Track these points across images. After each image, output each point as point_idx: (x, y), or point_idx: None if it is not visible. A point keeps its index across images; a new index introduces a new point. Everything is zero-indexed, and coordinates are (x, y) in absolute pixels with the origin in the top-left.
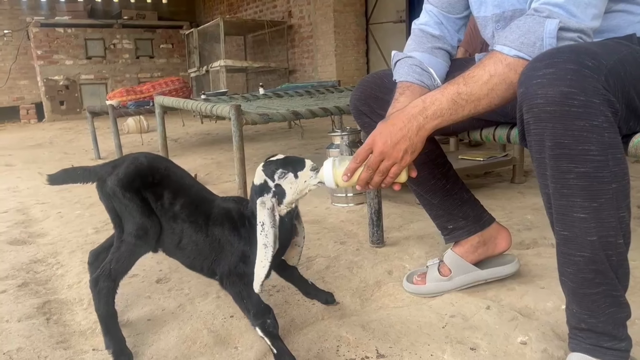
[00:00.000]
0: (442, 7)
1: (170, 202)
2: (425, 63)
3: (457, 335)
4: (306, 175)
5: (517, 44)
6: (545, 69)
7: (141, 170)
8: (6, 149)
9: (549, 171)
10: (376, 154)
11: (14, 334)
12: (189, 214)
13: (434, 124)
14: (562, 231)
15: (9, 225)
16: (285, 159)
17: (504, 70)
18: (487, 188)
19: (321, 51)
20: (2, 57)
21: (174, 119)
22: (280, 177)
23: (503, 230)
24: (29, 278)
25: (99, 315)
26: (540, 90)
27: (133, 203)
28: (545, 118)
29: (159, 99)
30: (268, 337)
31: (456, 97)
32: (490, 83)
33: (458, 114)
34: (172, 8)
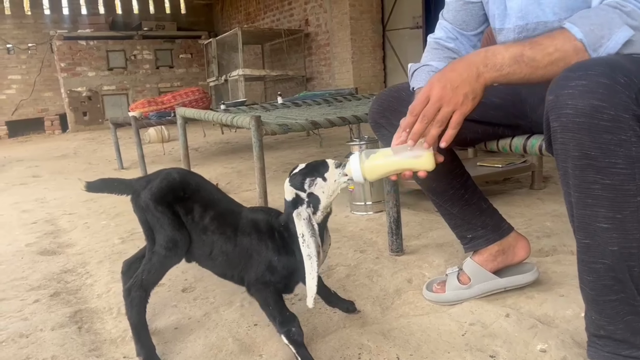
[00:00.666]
0: (457, 24)
1: (200, 215)
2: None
3: (477, 343)
4: (334, 175)
5: (587, 29)
6: (578, 80)
7: (173, 185)
8: (33, 160)
9: (573, 180)
10: (434, 100)
11: (48, 342)
12: (218, 226)
13: (493, 75)
14: (584, 239)
15: (38, 235)
16: (308, 166)
17: (568, 49)
18: (506, 195)
19: (338, 58)
20: (27, 70)
21: (194, 128)
22: (310, 185)
23: (522, 239)
24: (60, 288)
25: (130, 323)
26: (570, 101)
27: (164, 216)
28: (573, 129)
29: (180, 111)
30: (293, 345)
31: (518, 57)
32: (552, 56)
33: (515, 74)
34: (190, 18)
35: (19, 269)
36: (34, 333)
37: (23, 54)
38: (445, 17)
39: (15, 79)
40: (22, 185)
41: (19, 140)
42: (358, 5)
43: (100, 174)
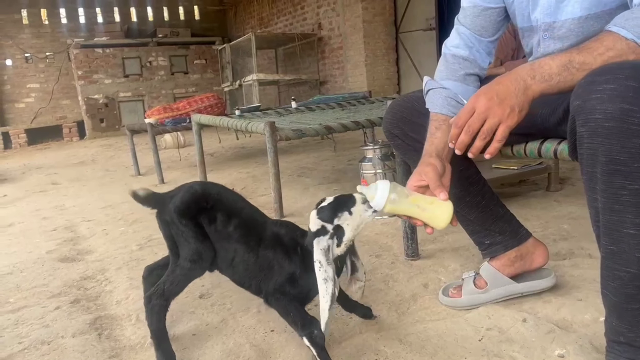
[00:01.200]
0: (475, 30)
1: (224, 223)
2: (459, 94)
3: (494, 348)
4: (360, 209)
5: (637, 30)
6: (606, 84)
7: (195, 197)
8: (52, 167)
9: (600, 186)
10: (479, 112)
11: (70, 349)
12: (241, 235)
13: (541, 87)
14: (610, 245)
15: (58, 242)
16: (336, 200)
17: (622, 47)
18: (522, 197)
19: (351, 62)
20: (45, 79)
21: (210, 133)
22: (338, 219)
23: (540, 245)
24: (80, 295)
25: (151, 330)
26: (599, 106)
27: (188, 229)
28: (602, 134)
29: (196, 117)
30: (315, 348)
31: (567, 64)
32: (605, 55)
33: (566, 82)
34: (204, 24)
35: (40, 276)
36: (55, 340)
37: (41, 62)
38: (462, 22)
39: (34, 88)
40: (41, 193)
41: (38, 148)
42: (371, 8)
43: (118, 180)
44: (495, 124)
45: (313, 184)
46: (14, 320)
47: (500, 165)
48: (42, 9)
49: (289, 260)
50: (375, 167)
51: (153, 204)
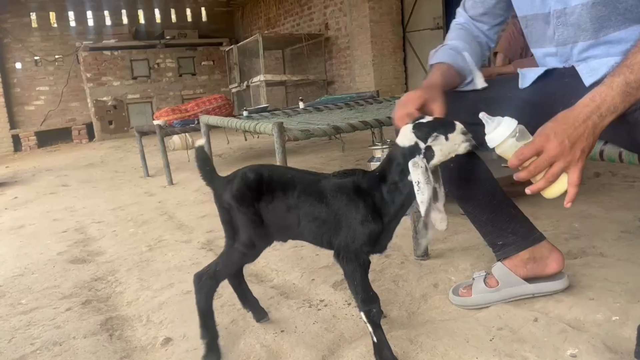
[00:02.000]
0: (475, 17)
1: (282, 199)
2: (460, 48)
3: (505, 348)
4: (457, 138)
5: None
6: None
7: (250, 184)
8: (62, 169)
9: None
10: (550, 155)
11: (81, 350)
12: (300, 199)
13: (609, 120)
14: None
15: (69, 244)
16: (436, 121)
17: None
18: (533, 196)
19: (359, 61)
20: (54, 81)
21: (218, 135)
22: (433, 139)
23: (556, 252)
24: (91, 296)
25: (198, 308)
26: None
27: (245, 216)
28: None
29: (204, 119)
30: (371, 325)
31: (626, 88)
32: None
33: (631, 103)
34: (212, 26)
35: (52, 278)
36: (67, 341)
37: (50, 65)
38: (465, 8)
39: (44, 90)
40: (52, 195)
41: (48, 150)
42: (378, 8)
43: (127, 181)
44: (565, 168)
45: None
46: (25, 322)
47: None
48: (51, 12)
49: (355, 207)
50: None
51: (206, 178)
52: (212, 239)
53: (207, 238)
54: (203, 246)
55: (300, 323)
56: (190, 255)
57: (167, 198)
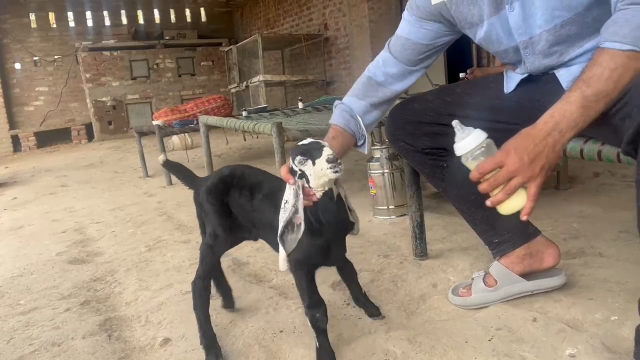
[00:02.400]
0: (400, 59)
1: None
2: (355, 111)
3: (504, 348)
4: (322, 164)
5: (630, 38)
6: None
7: (222, 178)
8: (61, 170)
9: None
10: (509, 170)
11: (80, 350)
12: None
13: (570, 135)
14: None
15: (68, 244)
16: (304, 146)
17: (623, 60)
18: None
19: (358, 62)
20: (53, 82)
21: (217, 135)
22: (300, 163)
23: (552, 245)
24: (89, 296)
25: (195, 312)
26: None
27: (212, 207)
28: None
29: (203, 119)
30: (314, 330)
31: (584, 102)
32: (614, 77)
33: (591, 117)
34: (211, 26)
35: (51, 278)
36: (66, 342)
37: (49, 66)
38: (390, 49)
39: (43, 91)
40: (51, 195)
41: (48, 151)
42: (377, 8)
43: (126, 182)
44: (523, 183)
45: None
46: (24, 322)
47: None
48: (50, 13)
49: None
50: (383, 166)
51: (187, 182)
52: None
53: None
54: None
55: (299, 323)
56: (189, 255)
57: (166, 198)
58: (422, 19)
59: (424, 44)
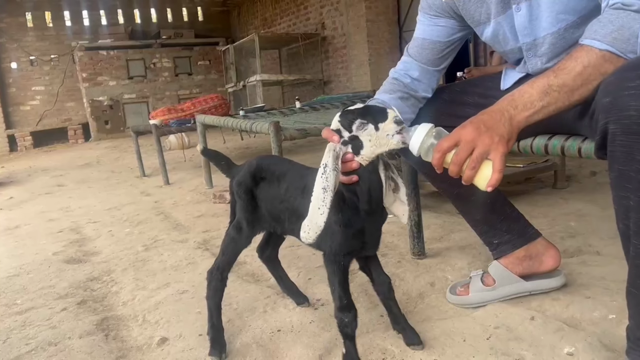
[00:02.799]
0: (421, 61)
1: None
2: (387, 104)
3: (502, 346)
4: (389, 128)
5: (609, 39)
6: (638, 80)
7: (251, 170)
8: (57, 169)
9: (635, 184)
10: (466, 140)
11: (76, 350)
12: (289, 192)
13: (524, 115)
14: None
15: (64, 244)
16: (365, 108)
17: (598, 61)
18: (528, 195)
19: (355, 61)
20: (50, 81)
21: (214, 134)
22: (358, 127)
23: (552, 248)
24: (86, 296)
25: (207, 303)
26: (633, 102)
27: (241, 200)
28: (638, 131)
29: (200, 118)
30: (342, 335)
31: (547, 89)
32: (584, 74)
33: (550, 106)
34: (208, 25)
35: (47, 278)
36: (63, 341)
37: (46, 65)
38: (409, 52)
39: (39, 90)
40: (47, 195)
41: (44, 150)
42: (374, 7)
43: (123, 181)
44: (484, 153)
45: None
46: (21, 322)
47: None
48: (47, 12)
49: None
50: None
51: (224, 170)
52: (208, 238)
53: (204, 238)
54: (199, 246)
55: (297, 322)
56: (187, 255)
57: (163, 198)
58: (435, 16)
59: (441, 42)
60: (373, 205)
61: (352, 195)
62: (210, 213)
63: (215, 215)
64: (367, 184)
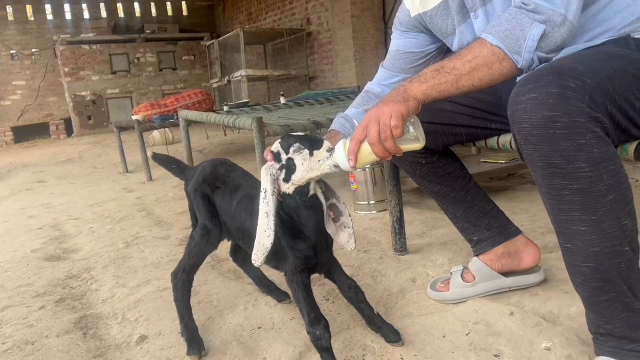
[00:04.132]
0: (395, 70)
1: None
2: (352, 117)
3: (481, 342)
4: (321, 155)
5: (501, 35)
6: (529, 94)
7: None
8: (38, 165)
9: (544, 188)
10: (370, 117)
11: (54, 349)
12: (243, 206)
13: (419, 88)
14: (565, 244)
15: (44, 241)
16: (304, 136)
17: (487, 53)
18: (510, 190)
19: (340, 57)
20: (31, 75)
21: (198, 130)
22: (295, 150)
23: (532, 246)
24: (65, 293)
25: (176, 305)
26: (524, 115)
27: (200, 205)
28: (533, 141)
29: (183, 114)
30: (317, 349)
31: (440, 68)
32: (473, 62)
33: (441, 84)
34: (192, 20)
35: (25, 275)
36: (40, 340)
37: (27, 59)
38: (384, 65)
39: (20, 85)
40: (27, 191)
41: (25, 146)
42: (359, 3)
43: (105, 177)
44: (387, 119)
45: None
46: None
47: (488, 160)
48: (28, 5)
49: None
50: None
51: (177, 173)
52: None
53: (185, 234)
54: (181, 242)
55: (277, 319)
56: (168, 251)
57: (145, 194)
58: (407, 31)
59: (414, 52)
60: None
61: (289, 218)
62: None
63: None
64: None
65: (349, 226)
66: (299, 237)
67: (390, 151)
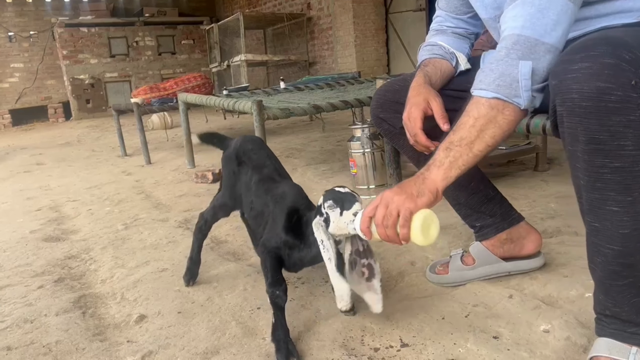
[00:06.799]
0: (450, 10)
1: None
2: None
3: (480, 324)
4: (347, 218)
5: (493, 86)
6: (581, 63)
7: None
8: (37, 148)
9: (582, 164)
10: (382, 203)
11: (53, 327)
12: (258, 187)
13: (437, 173)
14: (593, 222)
15: (42, 222)
16: (343, 194)
17: (487, 111)
18: (510, 177)
19: (341, 42)
20: (29, 58)
21: (197, 114)
22: (329, 207)
23: (534, 232)
24: (64, 273)
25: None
26: (575, 85)
27: (224, 176)
28: (580, 113)
29: (182, 96)
30: (272, 306)
31: (448, 145)
32: (477, 125)
33: (457, 161)
34: (192, 4)
35: (23, 256)
36: (39, 318)
37: (25, 42)
38: (440, 6)
39: (18, 67)
40: (26, 173)
41: (23, 129)
42: None
43: (104, 160)
44: (395, 209)
45: (301, 164)
46: None
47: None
48: None
49: (282, 222)
50: (364, 146)
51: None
52: (190, 217)
53: (184, 217)
54: (180, 225)
55: None
56: (167, 233)
57: (144, 177)
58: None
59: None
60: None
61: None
62: (192, 193)
63: (197, 195)
64: None
65: (378, 292)
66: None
67: (391, 240)
